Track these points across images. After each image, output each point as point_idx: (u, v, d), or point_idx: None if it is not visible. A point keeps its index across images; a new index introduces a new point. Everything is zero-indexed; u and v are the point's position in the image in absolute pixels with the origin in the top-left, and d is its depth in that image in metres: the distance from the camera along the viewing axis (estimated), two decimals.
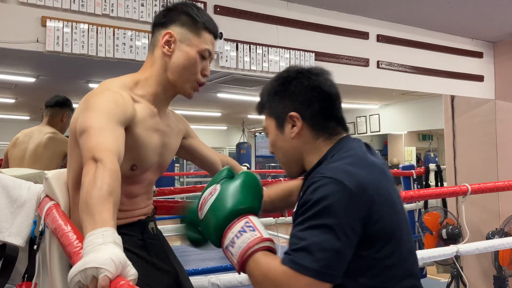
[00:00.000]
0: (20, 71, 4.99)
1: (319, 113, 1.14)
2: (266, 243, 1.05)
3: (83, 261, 0.76)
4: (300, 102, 1.13)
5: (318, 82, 1.15)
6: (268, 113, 1.21)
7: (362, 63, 3.52)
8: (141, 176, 1.37)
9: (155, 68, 1.37)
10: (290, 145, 1.15)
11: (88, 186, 0.95)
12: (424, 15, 3.54)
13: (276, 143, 1.19)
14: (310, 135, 1.14)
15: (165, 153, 1.44)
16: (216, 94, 6.33)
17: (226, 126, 11.25)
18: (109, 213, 0.90)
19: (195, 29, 1.36)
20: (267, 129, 1.21)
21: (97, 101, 1.20)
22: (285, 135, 1.15)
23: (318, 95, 1.14)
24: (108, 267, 0.74)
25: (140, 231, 1.39)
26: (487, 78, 4.28)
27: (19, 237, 1.51)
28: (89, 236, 0.83)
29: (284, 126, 1.15)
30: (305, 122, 1.13)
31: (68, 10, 2.42)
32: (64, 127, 3.15)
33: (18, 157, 2.92)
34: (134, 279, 0.77)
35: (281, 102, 1.16)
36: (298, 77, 1.15)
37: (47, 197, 1.45)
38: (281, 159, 1.21)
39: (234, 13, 2.98)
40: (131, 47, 2.58)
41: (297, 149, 1.15)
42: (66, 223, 1.09)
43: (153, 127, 1.35)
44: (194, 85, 1.39)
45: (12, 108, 7.59)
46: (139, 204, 1.40)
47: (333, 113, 1.16)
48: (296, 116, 1.13)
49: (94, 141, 1.07)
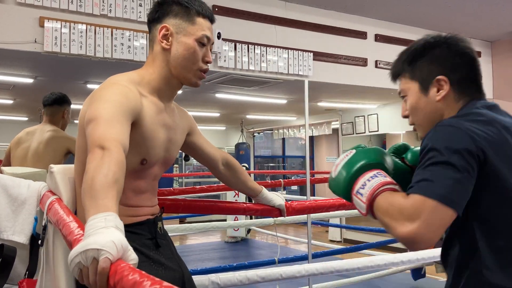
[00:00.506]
0: (18, 72, 4.99)
1: (465, 78, 1.17)
2: (395, 186, 1.10)
3: (84, 243, 0.76)
4: (449, 66, 1.16)
5: (465, 48, 1.18)
6: (410, 76, 1.22)
7: (360, 62, 3.53)
8: (149, 170, 1.37)
9: (157, 64, 1.38)
10: (434, 107, 1.19)
11: (93, 172, 0.95)
12: (421, 15, 3.55)
13: (418, 105, 1.21)
14: (453, 98, 1.17)
15: (171, 148, 1.44)
16: (215, 95, 6.33)
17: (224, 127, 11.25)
18: (112, 200, 0.90)
19: (189, 17, 1.36)
20: (406, 91, 1.24)
21: (106, 93, 1.21)
22: (430, 97, 1.18)
23: (466, 60, 1.17)
24: (109, 249, 0.74)
25: (148, 230, 1.39)
26: (485, 77, 4.22)
27: (22, 234, 1.52)
28: (91, 219, 0.83)
29: (429, 89, 1.18)
30: (452, 85, 1.16)
31: (66, 11, 2.42)
32: (65, 124, 3.14)
33: (20, 156, 2.92)
34: (134, 263, 0.77)
35: (428, 65, 1.19)
36: (446, 42, 1.19)
37: (48, 192, 1.45)
38: (419, 121, 1.24)
39: (233, 13, 2.99)
40: (129, 48, 2.58)
41: (439, 111, 1.18)
42: (68, 214, 1.09)
43: (160, 122, 1.35)
44: (198, 73, 1.39)
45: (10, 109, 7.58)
46: (145, 202, 1.41)
47: (477, 78, 1.20)
48: (444, 80, 1.16)
49: (101, 130, 1.06)
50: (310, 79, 3.28)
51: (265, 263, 3.92)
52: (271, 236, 7.56)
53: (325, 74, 3.35)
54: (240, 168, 1.79)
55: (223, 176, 1.76)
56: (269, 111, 8.39)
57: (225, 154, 1.77)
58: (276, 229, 3.72)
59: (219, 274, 1.92)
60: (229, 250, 7.14)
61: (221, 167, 1.73)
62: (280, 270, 2.05)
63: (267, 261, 4.00)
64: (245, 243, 7.71)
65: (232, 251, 7.09)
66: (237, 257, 6.51)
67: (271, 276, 2.03)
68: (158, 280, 0.62)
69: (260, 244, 7.78)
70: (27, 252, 1.53)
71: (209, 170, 1.75)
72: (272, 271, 2.04)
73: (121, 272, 0.69)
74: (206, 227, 4.01)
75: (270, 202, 1.85)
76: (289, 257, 3.96)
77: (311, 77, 3.27)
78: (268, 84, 5.33)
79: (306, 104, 3.33)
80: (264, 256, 6.46)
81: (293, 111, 8.22)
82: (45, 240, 1.39)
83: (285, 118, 9.24)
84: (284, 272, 2.04)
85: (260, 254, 6.82)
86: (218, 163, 1.72)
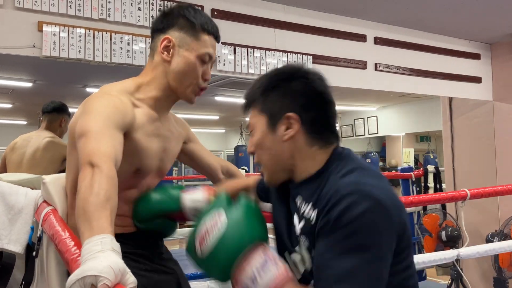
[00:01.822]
0: (17, 76, 4.98)
1: (318, 119, 1.05)
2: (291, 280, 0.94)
3: (82, 269, 0.75)
4: (302, 104, 1.03)
5: (323, 88, 1.07)
6: (259, 109, 1.08)
7: (360, 65, 3.52)
8: (142, 181, 1.36)
9: (156, 73, 1.36)
10: (280, 148, 1.04)
11: (85, 192, 0.93)
12: (421, 17, 3.55)
13: (263, 143, 1.07)
14: (304, 140, 1.04)
15: (165, 158, 1.42)
16: (214, 98, 6.33)
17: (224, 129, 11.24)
18: (107, 220, 0.88)
19: (194, 32, 1.33)
20: (254, 125, 1.09)
21: (96, 105, 1.19)
22: (277, 136, 1.04)
23: (322, 100, 1.06)
24: (107, 275, 0.73)
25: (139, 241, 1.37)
26: (484, 79, 4.28)
27: (18, 244, 1.50)
28: (87, 243, 0.82)
29: (277, 126, 1.04)
30: (303, 125, 1.03)
31: (65, 15, 2.41)
32: (62, 132, 3.15)
33: (16, 161, 2.91)
34: (133, 287, 0.76)
35: (280, 99, 1.05)
36: (304, 77, 1.06)
37: (44, 202, 1.44)
38: (265, 161, 1.08)
39: (232, 17, 2.98)
40: (128, 52, 2.57)
41: (287, 153, 1.04)
42: (63, 229, 1.08)
43: (154, 132, 1.34)
44: (196, 89, 1.37)
45: (9, 113, 7.57)
46: None
47: (330, 121, 1.08)
48: (294, 118, 1.03)
49: (91, 145, 1.05)
50: None
51: None
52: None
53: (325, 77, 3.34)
54: (241, 176, 1.77)
55: None
56: None
57: (225, 163, 1.74)
58: None
59: None
60: None
61: (222, 176, 1.70)
62: None
63: None
64: None
65: None
66: None
67: None
68: None
69: None
70: (23, 261, 1.52)
71: (209, 179, 1.72)
72: None
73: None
74: None
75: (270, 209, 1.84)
76: None
77: None
78: None
79: None
80: None
81: None
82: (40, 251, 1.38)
83: None
84: None
85: None
86: (218, 172, 1.68)
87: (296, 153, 1.04)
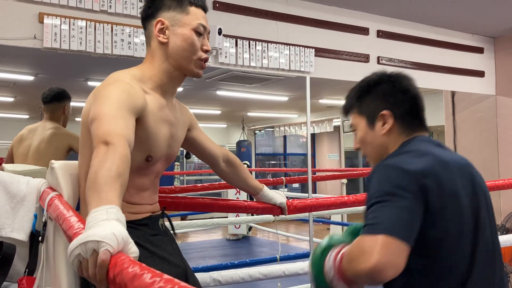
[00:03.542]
0: (19, 69, 4.97)
1: (408, 113, 1.26)
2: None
3: (85, 235, 0.75)
4: (392, 102, 1.25)
5: (408, 86, 1.28)
6: (358, 112, 1.31)
7: (362, 59, 3.51)
8: (152, 167, 1.37)
9: (156, 59, 1.37)
10: (380, 141, 1.27)
11: (97, 166, 0.94)
12: (424, 10, 3.53)
13: (365, 139, 1.30)
14: (397, 132, 1.25)
15: (173, 144, 1.44)
16: (216, 92, 6.32)
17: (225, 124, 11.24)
18: (115, 193, 0.89)
19: (182, 8, 1.36)
20: (356, 126, 1.32)
21: (108, 91, 1.20)
22: (376, 131, 1.27)
23: (409, 96, 1.26)
24: (109, 241, 0.73)
25: (151, 227, 1.39)
26: (487, 73, 4.26)
27: (21, 231, 1.51)
28: (93, 212, 0.82)
29: (375, 123, 1.27)
30: (396, 120, 1.24)
31: (66, 6, 2.40)
32: (66, 119, 3.13)
33: (22, 153, 2.91)
34: (135, 256, 0.76)
35: (373, 101, 1.27)
36: (389, 80, 1.28)
37: (48, 188, 1.44)
38: (369, 153, 1.32)
39: (233, 9, 2.96)
40: (130, 44, 2.56)
41: (385, 144, 1.26)
42: (68, 209, 1.08)
43: (162, 118, 1.35)
44: (199, 63, 1.39)
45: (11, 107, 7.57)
46: (147, 199, 1.41)
47: (419, 114, 1.28)
48: (388, 114, 1.24)
49: (105, 127, 1.06)
50: (311, 76, 3.26)
51: (266, 261, 3.90)
52: (272, 234, 7.56)
53: (327, 70, 3.33)
54: (241, 165, 1.78)
55: (224, 173, 1.75)
56: (271, 109, 8.37)
57: (226, 151, 1.75)
58: (277, 226, 3.71)
59: (221, 272, 1.91)
60: (230, 248, 7.14)
61: (222, 164, 1.72)
62: (283, 267, 2.03)
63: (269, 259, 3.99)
64: (246, 240, 7.70)
65: (233, 248, 7.08)
66: (239, 254, 6.50)
67: (274, 273, 2.02)
68: (158, 273, 0.61)
69: (262, 241, 7.77)
70: (26, 250, 1.52)
71: (210, 167, 1.74)
72: (275, 268, 2.03)
73: (121, 264, 0.68)
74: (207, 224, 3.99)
75: (271, 200, 1.84)
76: (291, 255, 3.95)
77: (312, 73, 3.25)
78: (270, 81, 5.31)
79: (308, 101, 3.31)
80: (265, 253, 6.46)
81: (295, 108, 8.20)
82: (45, 237, 1.38)
83: (286, 116, 9.22)
84: (287, 269, 2.03)
85: (261, 251, 6.81)
86: (219, 159, 1.70)
87: (390, 143, 1.26)
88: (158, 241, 1.38)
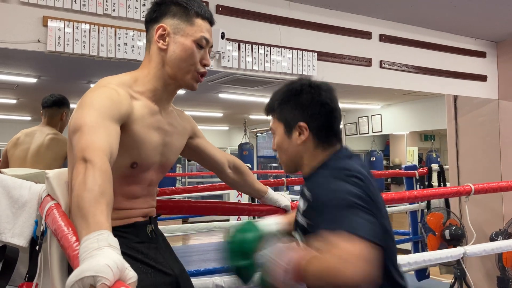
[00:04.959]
0: (22, 72, 4.99)
1: (323, 127, 1.30)
2: None
3: (80, 270, 0.74)
4: (310, 114, 1.29)
5: (327, 99, 1.30)
6: (277, 118, 1.35)
7: (365, 63, 3.51)
8: (142, 175, 1.34)
9: (153, 65, 1.34)
10: (295, 149, 1.32)
11: (78, 189, 0.92)
12: (427, 15, 3.53)
13: (282, 145, 1.35)
14: (312, 143, 1.30)
15: (167, 152, 1.40)
16: (218, 95, 6.32)
17: (227, 127, 11.24)
18: (102, 215, 0.87)
19: (187, 18, 1.33)
20: (274, 130, 1.37)
21: (91, 98, 1.18)
22: (292, 140, 1.31)
23: (325, 110, 1.30)
24: (104, 274, 0.72)
25: (136, 233, 1.36)
26: (490, 78, 4.25)
27: (21, 237, 1.50)
28: (84, 241, 0.81)
29: (292, 132, 1.31)
30: (311, 132, 1.29)
31: (70, 10, 2.41)
32: (63, 126, 3.14)
33: (19, 157, 2.90)
34: (133, 281, 0.76)
35: (292, 111, 1.31)
36: (310, 92, 1.30)
37: (48, 196, 1.44)
38: (283, 159, 1.38)
39: (237, 13, 2.97)
40: (133, 47, 2.57)
41: (299, 153, 1.32)
42: (66, 224, 1.07)
43: (153, 125, 1.32)
44: (195, 75, 1.36)
45: (13, 109, 7.59)
46: (139, 205, 1.38)
47: (334, 127, 1.32)
48: (304, 126, 1.29)
49: (85, 140, 1.04)
50: None
51: None
52: None
53: (329, 74, 3.33)
54: (247, 170, 1.77)
55: (230, 179, 1.73)
56: None
57: (231, 157, 1.74)
58: None
59: (224, 277, 1.90)
60: None
61: (228, 170, 1.70)
62: None
63: None
64: None
65: None
66: None
67: None
68: None
69: None
70: (27, 255, 1.52)
71: (216, 174, 1.72)
72: None
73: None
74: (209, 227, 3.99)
75: (275, 203, 1.84)
76: None
77: (315, 77, 3.26)
78: (272, 84, 5.32)
79: None
80: None
81: None
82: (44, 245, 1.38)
83: None
84: None
85: None
86: (225, 166, 1.68)
87: (304, 153, 1.31)
88: (143, 248, 1.35)
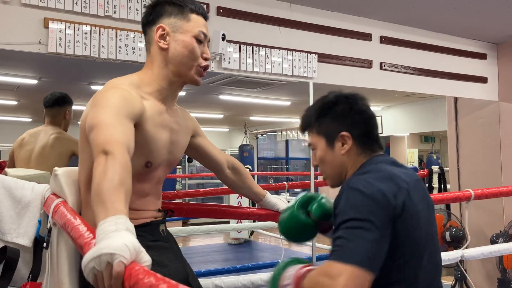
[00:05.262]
0: (23, 73, 4.99)
1: (364, 133, 1.32)
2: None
3: (97, 248, 0.76)
4: (350, 123, 1.31)
5: (364, 106, 1.33)
6: (316, 132, 1.36)
7: (365, 64, 3.51)
8: (152, 173, 1.38)
9: (156, 65, 1.38)
10: (339, 160, 1.32)
11: (99, 178, 0.95)
12: (427, 17, 3.53)
13: (325, 158, 1.35)
14: (356, 151, 1.31)
15: (174, 150, 1.44)
16: (218, 96, 6.33)
17: (228, 128, 11.24)
18: (121, 202, 0.90)
19: (183, 15, 1.37)
20: (315, 145, 1.37)
21: (106, 98, 1.21)
22: (335, 151, 1.32)
23: (364, 117, 1.33)
24: (122, 252, 0.73)
25: (150, 232, 1.39)
26: (490, 79, 4.26)
27: (26, 237, 1.51)
28: (102, 224, 0.83)
29: (334, 143, 1.32)
30: (354, 140, 1.30)
31: (71, 12, 2.41)
32: (67, 124, 3.12)
33: (24, 157, 2.91)
34: (148, 265, 0.77)
35: (331, 123, 1.32)
36: (346, 101, 1.33)
37: (53, 195, 1.45)
38: (328, 172, 1.37)
39: (237, 15, 2.97)
40: (134, 49, 2.57)
41: (344, 164, 1.32)
42: (75, 217, 1.09)
43: (162, 124, 1.36)
44: (198, 70, 1.39)
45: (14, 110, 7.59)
46: (149, 205, 1.41)
47: (374, 133, 1.34)
48: (347, 135, 1.30)
49: (103, 135, 1.07)
50: (314, 81, 3.26)
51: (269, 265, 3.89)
52: (274, 238, 7.54)
53: (330, 76, 3.34)
54: (246, 172, 1.78)
55: (229, 180, 1.75)
56: (273, 113, 8.38)
57: (230, 158, 1.75)
58: None
59: (223, 278, 1.91)
60: (232, 252, 7.13)
61: (227, 171, 1.72)
62: None
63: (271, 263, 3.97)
64: (248, 245, 7.69)
65: (235, 253, 7.07)
66: (241, 259, 6.50)
67: None
68: (174, 283, 0.61)
69: (264, 246, 7.76)
70: (30, 255, 1.53)
71: (215, 173, 1.74)
72: None
73: (136, 275, 0.70)
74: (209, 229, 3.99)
75: (274, 207, 1.84)
76: None
77: (315, 79, 3.26)
78: (272, 86, 5.32)
79: None
80: (267, 258, 6.45)
81: (297, 113, 8.20)
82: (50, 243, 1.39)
83: (288, 120, 9.22)
84: None
85: (263, 256, 6.80)
86: (224, 166, 1.71)
87: (349, 162, 1.32)
88: (157, 247, 1.38)
